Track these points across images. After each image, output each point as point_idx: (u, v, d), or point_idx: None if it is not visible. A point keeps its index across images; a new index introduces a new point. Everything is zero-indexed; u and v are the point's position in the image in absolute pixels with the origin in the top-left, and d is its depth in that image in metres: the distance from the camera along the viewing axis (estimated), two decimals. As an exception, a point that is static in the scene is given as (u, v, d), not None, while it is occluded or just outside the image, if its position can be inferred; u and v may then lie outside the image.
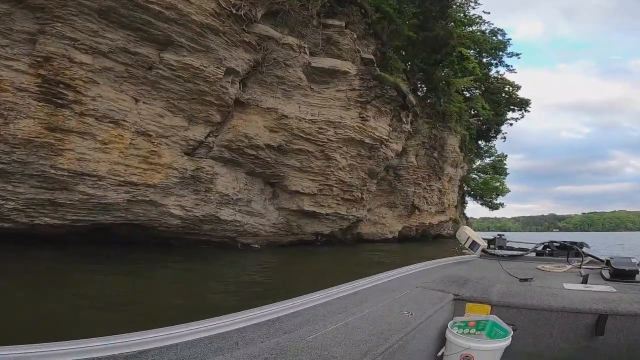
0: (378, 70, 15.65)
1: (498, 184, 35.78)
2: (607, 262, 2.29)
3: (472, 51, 31.60)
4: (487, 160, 40.16)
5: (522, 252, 3.04)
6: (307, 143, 13.58)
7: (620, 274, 2.09)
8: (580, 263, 2.53)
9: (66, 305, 5.12)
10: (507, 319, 1.61)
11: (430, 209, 22.88)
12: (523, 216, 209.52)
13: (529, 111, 38.23)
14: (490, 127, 34.48)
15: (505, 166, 39.96)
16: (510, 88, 37.37)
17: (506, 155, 40.80)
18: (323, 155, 14.11)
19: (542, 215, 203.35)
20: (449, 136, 24.53)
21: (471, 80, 26.61)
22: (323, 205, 15.05)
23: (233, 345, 1.04)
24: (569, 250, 2.84)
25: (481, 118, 31.49)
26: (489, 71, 36.97)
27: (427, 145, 22.33)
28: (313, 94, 13.79)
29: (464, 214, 34.48)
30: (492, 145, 40.37)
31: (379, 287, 1.93)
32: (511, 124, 38.67)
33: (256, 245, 13.72)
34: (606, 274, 2.18)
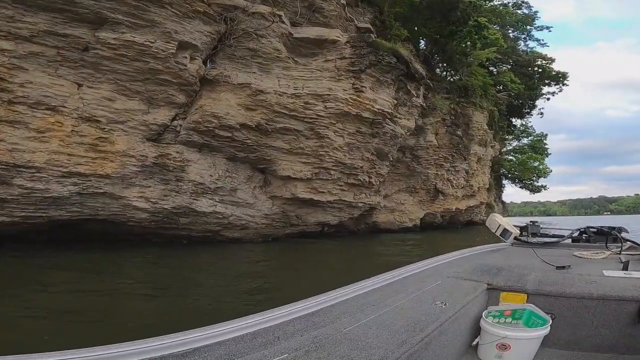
0: (373, 37, 12.97)
1: (537, 163, 30.57)
2: None
3: (496, 26, 27.57)
4: (525, 140, 35.10)
5: (556, 239, 2.79)
6: (293, 121, 11.24)
7: None
8: (619, 249, 2.31)
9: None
10: (544, 307, 1.52)
11: (456, 192, 19.43)
12: (570, 199, 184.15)
13: (567, 85, 33.03)
14: (524, 103, 29.73)
15: (545, 146, 34.64)
16: (543, 61, 32.37)
17: (546, 135, 35.45)
18: (314, 133, 11.68)
19: (591, 197, 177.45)
20: (474, 112, 20.94)
21: (494, 51, 22.66)
22: (322, 192, 12.58)
23: (275, 339, 1.03)
24: (607, 236, 2.55)
25: (511, 93, 27.10)
26: (517, 45, 32.37)
27: (448, 123, 19.01)
28: (297, 67, 11.46)
29: (500, 198, 29.92)
30: (529, 125, 35.35)
31: (410, 278, 1.81)
32: (548, 99, 33.62)
33: (245, 239, 11.59)
34: None
